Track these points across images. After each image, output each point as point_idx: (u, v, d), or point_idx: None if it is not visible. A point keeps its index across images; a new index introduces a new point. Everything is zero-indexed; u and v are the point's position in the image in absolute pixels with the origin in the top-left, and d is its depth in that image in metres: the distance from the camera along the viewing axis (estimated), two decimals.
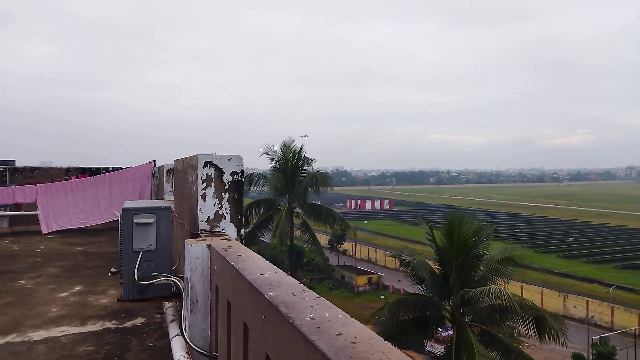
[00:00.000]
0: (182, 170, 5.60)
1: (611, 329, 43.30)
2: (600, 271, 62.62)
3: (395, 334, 17.95)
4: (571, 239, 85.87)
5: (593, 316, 43.67)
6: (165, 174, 10.48)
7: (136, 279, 4.19)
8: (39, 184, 11.38)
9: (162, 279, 4.25)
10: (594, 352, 36.36)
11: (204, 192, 4.41)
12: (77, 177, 12.67)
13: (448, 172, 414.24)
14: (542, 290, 51.55)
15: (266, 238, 36.14)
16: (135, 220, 4.24)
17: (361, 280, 58.35)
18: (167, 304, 5.07)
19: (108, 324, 5.75)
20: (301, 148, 31.57)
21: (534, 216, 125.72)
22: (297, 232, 33.90)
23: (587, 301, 48.30)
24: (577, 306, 48.04)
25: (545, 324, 15.96)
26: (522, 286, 48.62)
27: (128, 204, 4.54)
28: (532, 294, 47.74)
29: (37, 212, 11.02)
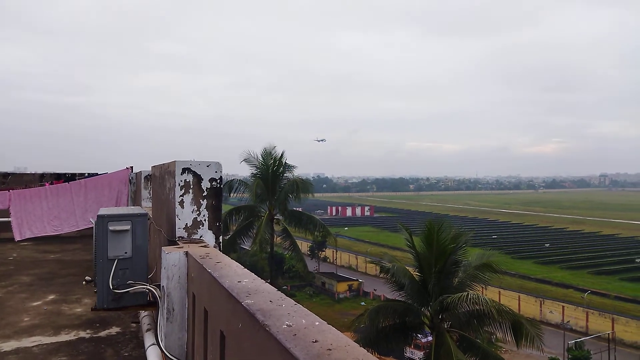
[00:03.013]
0: (160, 177, 5.54)
1: (586, 334, 44.18)
2: (575, 277, 63.91)
3: (375, 341, 18.00)
4: (547, 245, 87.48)
5: (569, 321, 44.48)
6: (142, 181, 10.33)
7: (111, 287, 4.12)
8: (12, 190, 11.10)
9: (138, 287, 4.19)
10: (570, 356, 37.03)
11: (182, 199, 4.36)
12: (51, 183, 12.40)
13: (427, 179, 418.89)
14: (519, 296, 52.32)
15: (246, 245, 35.88)
16: (111, 228, 4.17)
17: (342, 287, 58.34)
18: (143, 313, 4.99)
19: (82, 334, 5.62)
20: (282, 154, 31.57)
21: (511, 223, 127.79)
22: (278, 239, 33.75)
23: (563, 306, 49.19)
24: (553, 311, 48.88)
25: (522, 329, 16.20)
26: (499, 292, 49.26)
27: (103, 211, 4.47)
28: (510, 300, 48.40)
29: (9, 219, 10.73)
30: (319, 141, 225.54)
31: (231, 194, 32.53)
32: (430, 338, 20.60)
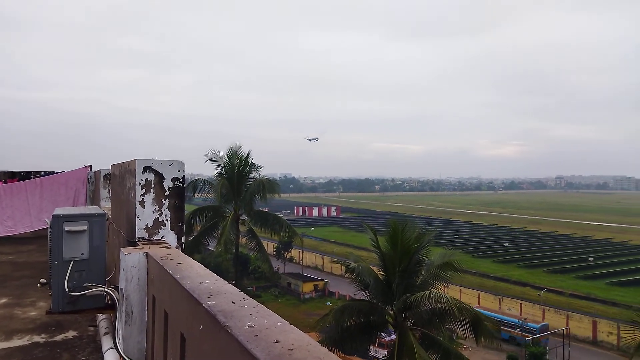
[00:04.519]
0: (120, 176, 5.39)
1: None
2: (532, 275, 66.21)
3: (340, 340, 18.11)
4: (505, 244, 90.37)
5: (526, 318, 45.95)
6: (102, 180, 10.03)
7: (67, 289, 3.98)
8: None
9: (95, 290, 4.06)
10: (527, 352, 38.33)
11: (143, 199, 4.26)
12: (5, 182, 11.87)
13: (392, 180, 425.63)
14: (479, 294, 53.77)
15: (211, 246, 35.37)
16: (66, 228, 4.03)
17: (307, 287, 58.34)
18: (101, 316, 4.85)
19: (37, 338, 5.41)
20: (248, 154, 31.31)
21: (472, 223, 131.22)
22: (243, 239, 33.45)
23: (521, 304, 50.86)
24: (511, 309, 50.42)
25: (481, 326, 16.69)
26: (460, 290, 50.49)
27: (59, 211, 4.31)
28: (470, 298, 49.70)
29: None
30: (310, 140, 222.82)
31: (195, 194, 32.01)
32: (393, 336, 20.89)
